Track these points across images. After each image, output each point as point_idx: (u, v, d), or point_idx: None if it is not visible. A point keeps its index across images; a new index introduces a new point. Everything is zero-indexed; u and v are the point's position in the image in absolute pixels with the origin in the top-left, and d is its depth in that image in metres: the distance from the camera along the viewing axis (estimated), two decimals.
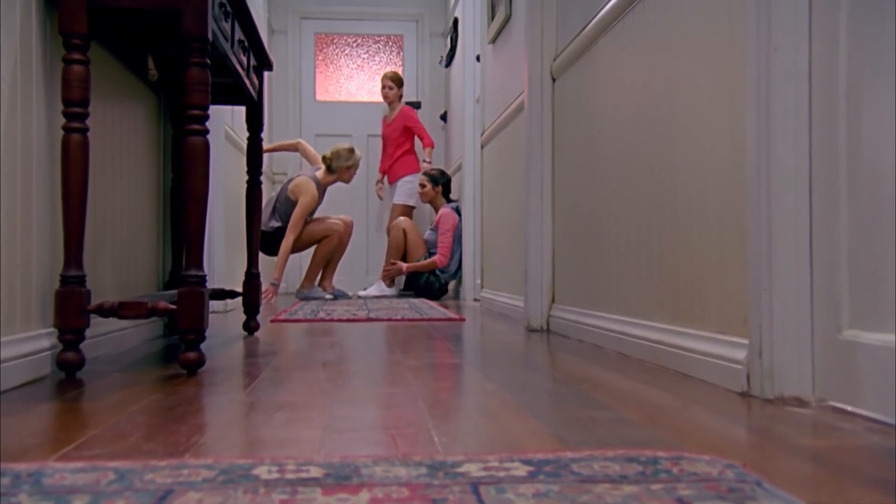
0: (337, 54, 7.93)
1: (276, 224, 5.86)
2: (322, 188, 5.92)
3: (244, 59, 2.73)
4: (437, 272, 6.23)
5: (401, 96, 7.12)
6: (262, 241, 5.78)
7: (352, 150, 5.96)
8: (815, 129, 1.54)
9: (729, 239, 1.78)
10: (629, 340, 2.34)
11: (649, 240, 2.26)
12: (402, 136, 6.97)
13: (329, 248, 5.96)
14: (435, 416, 1.42)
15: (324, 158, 5.97)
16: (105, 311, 2.01)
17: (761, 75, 1.58)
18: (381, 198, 7.18)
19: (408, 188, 6.86)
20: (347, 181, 6.08)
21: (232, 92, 3.02)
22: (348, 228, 6.05)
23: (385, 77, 7.03)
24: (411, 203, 6.87)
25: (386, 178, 7.09)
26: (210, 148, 2.04)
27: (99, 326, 2.36)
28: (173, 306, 2.00)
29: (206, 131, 2.02)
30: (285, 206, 5.85)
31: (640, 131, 2.34)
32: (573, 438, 1.22)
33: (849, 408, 1.44)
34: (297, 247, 5.90)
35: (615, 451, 1.03)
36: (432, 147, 6.95)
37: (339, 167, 5.90)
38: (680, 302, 2.04)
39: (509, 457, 1.01)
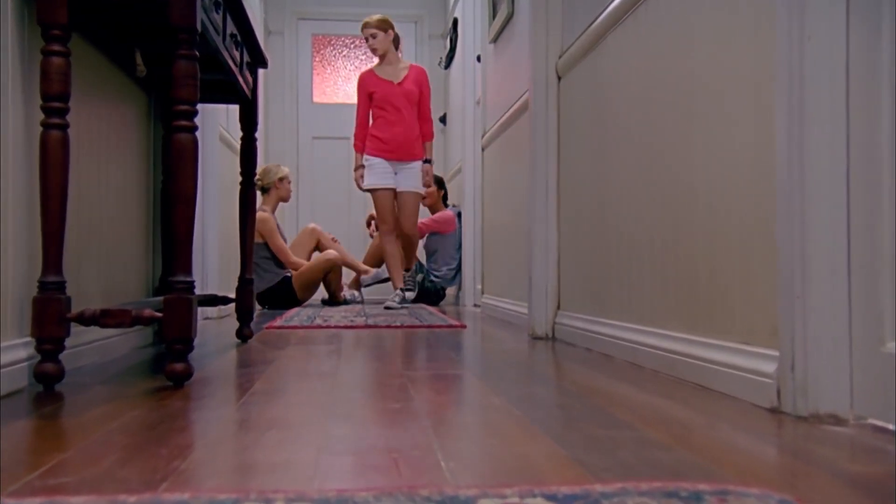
0: (334, 56, 7.81)
1: (271, 276, 5.60)
2: (273, 214, 5.72)
3: (237, 55, 2.61)
4: (433, 277, 6.10)
5: (397, 44, 5.25)
6: (267, 295, 5.59)
7: (277, 165, 5.84)
8: (853, 122, 1.42)
9: (754, 241, 1.65)
10: (642, 350, 2.21)
11: (664, 242, 2.14)
12: (417, 102, 5.17)
13: (336, 270, 5.84)
14: (440, 436, 1.30)
15: (255, 184, 5.83)
16: (86, 320, 1.88)
17: (793, 66, 1.46)
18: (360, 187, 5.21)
19: (420, 173, 5.22)
20: (286, 197, 5.80)
21: (225, 90, 2.90)
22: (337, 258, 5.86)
23: (367, 25, 5.13)
24: (423, 192, 5.32)
25: (378, 161, 5.10)
26: (199, 146, 1.92)
27: (83, 335, 2.24)
28: (159, 314, 1.88)
29: (195, 128, 1.90)
30: (260, 251, 5.59)
31: (654, 129, 2.22)
32: (596, 464, 1.09)
33: (890, 426, 1.32)
34: (308, 283, 5.70)
35: (650, 483, 0.91)
36: (432, 140, 5.28)
37: (272, 182, 5.71)
38: (699, 309, 1.91)
39: (530, 490, 0.89)
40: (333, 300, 5.95)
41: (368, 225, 6.46)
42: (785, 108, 1.48)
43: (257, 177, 5.82)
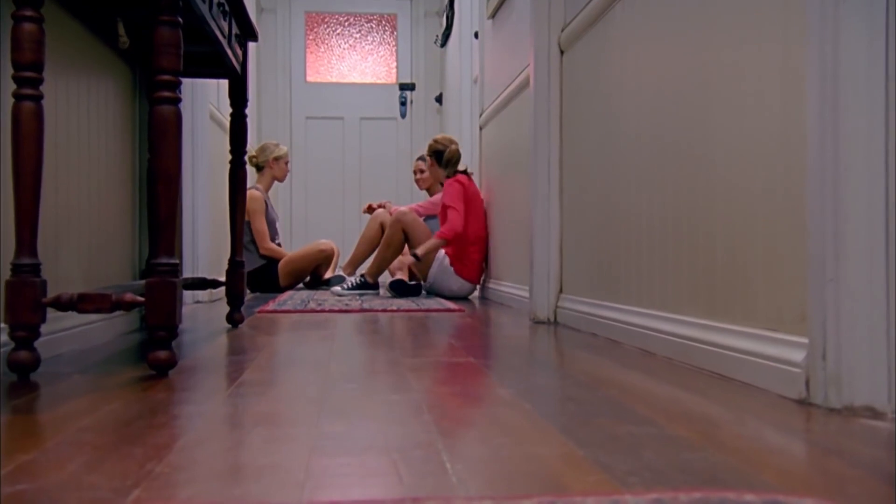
0: (328, 34, 7.64)
1: (254, 259, 5.39)
2: (265, 193, 5.52)
3: (224, 26, 2.47)
4: None
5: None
6: (249, 279, 5.37)
7: (276, 144, 5.63)
8: (891, 86, 1.29)
9: (780, 218, 1.53)
10: (654, 335, 2.10)
11: (678, 221, 2.02)
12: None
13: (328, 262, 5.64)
14: (444, 434, 1.18)
15: (250, 160, 5.59)
16: (63, 305, 1.76)
17: (827, 29, 1.34)
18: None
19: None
20: (282, 178, 5.62)
21: (213, 63, 2.77)
22: (334, 251, 5.65)
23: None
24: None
25: None
26: (182, 119, 1.79)
27: (62, 320, 2.12)
28: (142, 299, 1.76)
29: (178, 100, 1.77)
30: (248, 232, 5.39)
31: (666, 102, 2.10)
32: (620, 467, 0.98)
33: None
34: (297, 270, 5.51)
35: (688, 492, 0.80)
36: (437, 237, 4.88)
37: (266, 160, 5.51)
38: (717, 293, 1.80)
39: (552, 502, 0.78)
40: (317, 283, 5.68)
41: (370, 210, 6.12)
42: (817, 74, 1.36)
43: (252, 153, 5.64)
